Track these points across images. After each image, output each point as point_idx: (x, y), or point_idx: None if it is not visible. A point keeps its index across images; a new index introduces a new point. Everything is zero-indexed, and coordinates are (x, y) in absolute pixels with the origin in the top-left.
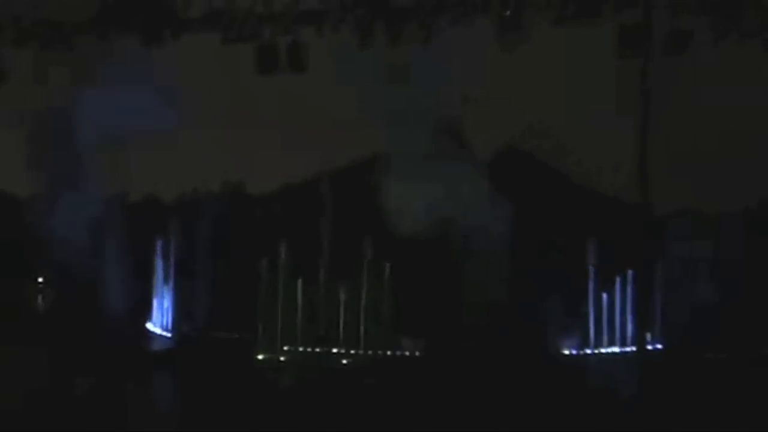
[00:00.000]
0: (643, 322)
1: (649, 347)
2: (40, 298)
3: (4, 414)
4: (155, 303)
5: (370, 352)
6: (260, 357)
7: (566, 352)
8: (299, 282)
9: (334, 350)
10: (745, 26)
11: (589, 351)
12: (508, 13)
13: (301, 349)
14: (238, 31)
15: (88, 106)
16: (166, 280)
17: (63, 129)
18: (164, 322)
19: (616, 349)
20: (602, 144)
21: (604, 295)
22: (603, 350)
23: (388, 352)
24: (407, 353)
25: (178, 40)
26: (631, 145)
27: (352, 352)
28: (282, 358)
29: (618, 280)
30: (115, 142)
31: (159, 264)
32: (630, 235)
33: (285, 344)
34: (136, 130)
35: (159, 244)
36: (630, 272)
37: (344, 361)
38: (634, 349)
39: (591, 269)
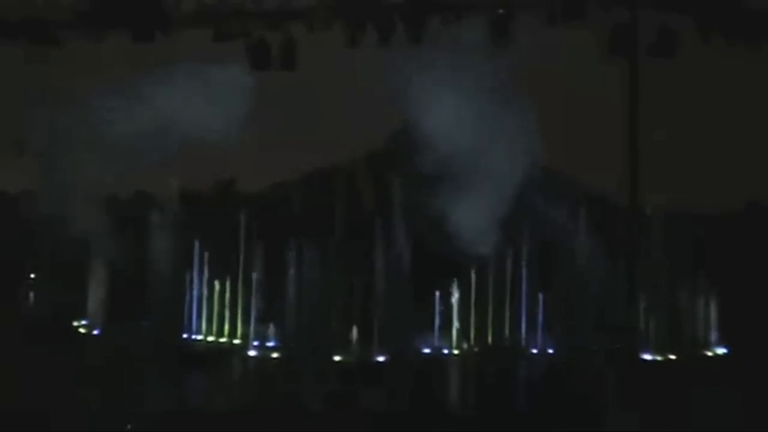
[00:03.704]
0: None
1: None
2: (32, 294)
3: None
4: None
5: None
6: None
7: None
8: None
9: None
10: (731, 27)
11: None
12: (501, 11)
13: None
14: (230, 28)
15: (83, 103)
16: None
17: (60, 126)
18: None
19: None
20: (591, 144)
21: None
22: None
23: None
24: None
25: (169, 37)
26: (618, 144)
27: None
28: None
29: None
30: (109, 140)
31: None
32: (619, 233)
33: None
34: (128, 128)
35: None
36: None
37: None
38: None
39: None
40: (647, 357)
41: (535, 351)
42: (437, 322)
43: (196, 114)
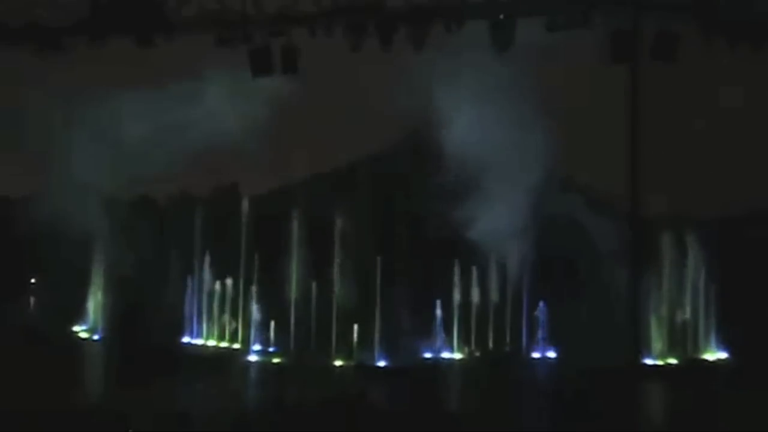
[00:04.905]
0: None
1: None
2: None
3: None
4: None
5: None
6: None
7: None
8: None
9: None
10: (733, 31)
11: None
12: (501, 16)
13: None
14: (232, 33)
15: (83, 106)
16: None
17: (56, 129)
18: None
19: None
20: (593, 148)
21: None
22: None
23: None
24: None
25: (171, 41)
26: (620, 149)
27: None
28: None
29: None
30: (110, 144)
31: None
32: (620, 237)
33: None
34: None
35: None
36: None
37: None
38: None
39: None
40: (649, 361)
41: (536, 355)
42: (439, 326)
43: (197, 118)
